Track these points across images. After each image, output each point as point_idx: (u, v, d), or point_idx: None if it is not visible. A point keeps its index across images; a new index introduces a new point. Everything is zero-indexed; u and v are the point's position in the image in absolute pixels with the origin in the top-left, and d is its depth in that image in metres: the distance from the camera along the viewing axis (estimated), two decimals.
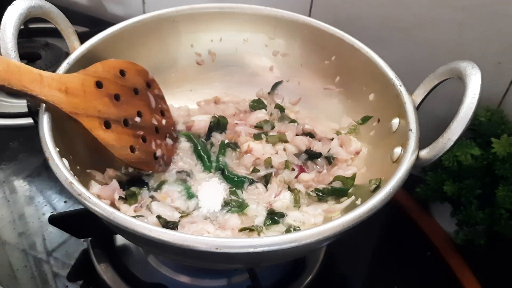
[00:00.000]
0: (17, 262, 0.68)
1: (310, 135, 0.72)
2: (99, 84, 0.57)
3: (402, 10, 0.76)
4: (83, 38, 0.65)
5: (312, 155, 0.70)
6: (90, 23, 1.10)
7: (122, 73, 0.61)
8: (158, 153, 0.64)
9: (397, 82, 0.61)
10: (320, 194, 0.65)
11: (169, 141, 0.68)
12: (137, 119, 0.62)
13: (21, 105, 0.90)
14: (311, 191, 0.65)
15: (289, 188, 0.66)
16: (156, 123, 0.66)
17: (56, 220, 0.64)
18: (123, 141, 0.59)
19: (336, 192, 0.64)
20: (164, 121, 0.68)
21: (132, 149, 0.60)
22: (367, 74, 0.67)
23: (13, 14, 0.54)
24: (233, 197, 0.64)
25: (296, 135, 0.72)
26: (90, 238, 0.69)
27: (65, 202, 0.77)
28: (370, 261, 0.72)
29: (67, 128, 0.56)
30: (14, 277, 0.66)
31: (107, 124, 0.57)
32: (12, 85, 0.47)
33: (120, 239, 0.70)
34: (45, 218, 0.73)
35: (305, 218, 0.61)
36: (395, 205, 0.80)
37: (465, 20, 0.72)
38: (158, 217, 0.58)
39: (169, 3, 0.73)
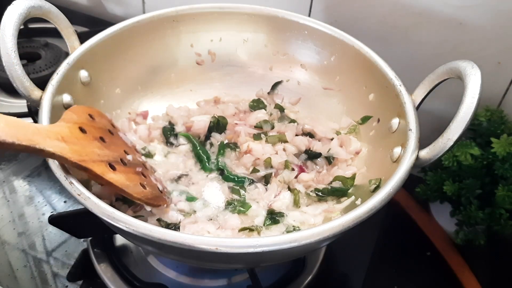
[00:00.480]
0: (17, 262, 0.68)
1: (310, 135, 0.72)
2: (83, 130, 0.53)
3: (402, 10, 0.76)
4: (83, 38, 0.65)
5: (312, 155, 0.70)
6: (90, 23, 1.10)
7: (91, 117, 0.57)
8: (159, 186, 0.61)
9: (397, 82, 0.61)
10: (320, 194, 0.65)
11: (157, 174, 0.65)
12: (129, 156, 0.58)
13: (21, 105, 0.90)
14: (311, 191, 0.65)
15: (289, 188, 0.66)
16: (140, 159, 0.62)
17: (56, 220, 0.64)
18: (133, 180, 0.55)
19: (336, 192, 0.64)
20: (143, 157, 0.65)
21: (143, 186, 0.56)
22: (367, 74, 0.67)
23: (13, 14, 0.54)
24: (235, 196, 0.64)
25: (296, 135, 0.72)
26: (90, 238, 0.69)
27: (65, 202, 0.77)
28: (370, 261, 0.72)
29: None
30: (14, 277, 0.66)
31: (112, 167, 0.53)
32: (21, 141, 0.42)
33: (120, 239, 0.70)
34: (45, 218, 0.73)
35: (305, 218, 0.61)
36: (395, 205, 0.80)
37: (465, 20, 0.72)
38: (159, 220, 0.58)
39: (169, 3, 0.73)
